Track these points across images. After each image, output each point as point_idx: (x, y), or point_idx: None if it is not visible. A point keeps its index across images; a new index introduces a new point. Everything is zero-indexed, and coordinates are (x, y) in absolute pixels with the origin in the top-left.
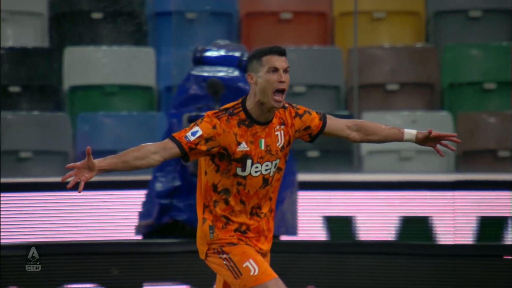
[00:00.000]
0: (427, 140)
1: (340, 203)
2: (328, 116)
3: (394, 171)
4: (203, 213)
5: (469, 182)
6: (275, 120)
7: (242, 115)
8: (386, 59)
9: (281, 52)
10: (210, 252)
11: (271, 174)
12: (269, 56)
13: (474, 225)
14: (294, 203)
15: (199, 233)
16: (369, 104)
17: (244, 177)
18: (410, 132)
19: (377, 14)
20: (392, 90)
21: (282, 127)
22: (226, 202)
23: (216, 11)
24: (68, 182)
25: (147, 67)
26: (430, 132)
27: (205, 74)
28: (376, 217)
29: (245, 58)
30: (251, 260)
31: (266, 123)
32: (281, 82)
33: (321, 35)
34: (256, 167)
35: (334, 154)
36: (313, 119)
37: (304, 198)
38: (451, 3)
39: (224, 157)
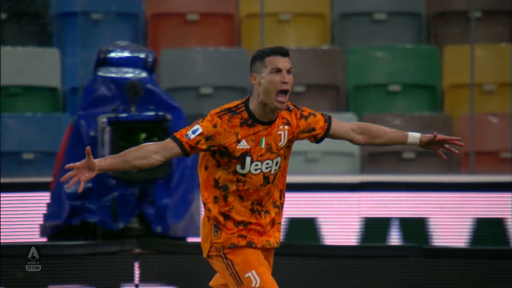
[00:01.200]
0: (432, 144)
1: None
2: (333, 118)
3: (301, 173)
4: (205, 210)
5: (375, 183)
6: (278, 121)
7: (245, 115)
8: (292, 61)
9: (284, 53)
10: (213, 254)
11: (272, 172)
12: (272, 57)
13: (380, 226)
14: (199, 204)
15: (202, 231)
16: None
17: (244, 175)
18: (414, 136)
19: (283, 16)
20: (298, 92)
21: (287, 127)
22: (225, 199)
23: (122, 11)
24: (68, 182)
25: (52, 68)
26: (435, 136)
27: (113, 75)
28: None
29: (150, 60)
30: (253, 271)
31: (269, 123)
32: (284, 83)
33: (227, 36)
34: (256, 165)
35: None
36: (318, 121)
37: None
38: (356, 5)
39: (224, 155)
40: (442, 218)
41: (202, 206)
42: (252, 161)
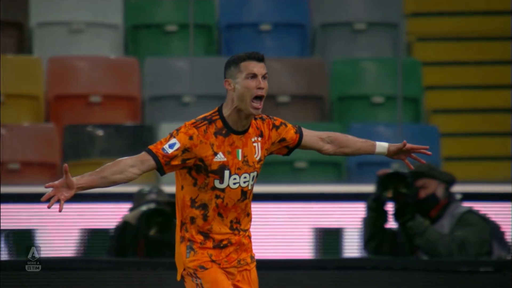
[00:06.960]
0: (400, 153)
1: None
2: (302, 128)
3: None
4: (180, 231)
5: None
6: (251, 130)
7: (219, 124)
8: None
9: (260, 58)
10: (185, 273)
11: (249, 187)
12: (248, 62)
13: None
14: None
15: (176, 253)
16: None
17: (223, 190)
18: (382, 145)
19: None
20: None
21: (260, 139)
22: (205, 218)
23: None
24: (48, 202)
25: None
26: (404, 145)
27: None
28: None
29: None
30: None
31: (243, 132)
32: (259, 88)
33: None
34: (234, 179)
35: None
36: (288, 131)
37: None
38: None
39: (201, 169)
40: None
41: (178, 227)
42: (230, 175)
